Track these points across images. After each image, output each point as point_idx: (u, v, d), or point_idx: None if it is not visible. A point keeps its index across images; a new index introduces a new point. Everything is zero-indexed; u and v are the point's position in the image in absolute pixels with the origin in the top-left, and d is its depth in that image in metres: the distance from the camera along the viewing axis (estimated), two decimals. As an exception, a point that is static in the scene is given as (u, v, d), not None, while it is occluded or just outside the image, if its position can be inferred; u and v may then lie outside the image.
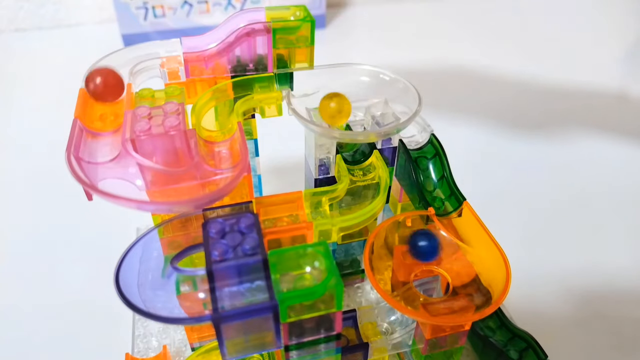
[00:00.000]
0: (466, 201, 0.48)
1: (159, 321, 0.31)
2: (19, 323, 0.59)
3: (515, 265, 0.41)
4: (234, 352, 0.33)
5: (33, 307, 0.61)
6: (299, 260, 0.34)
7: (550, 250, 0.70)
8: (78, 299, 0.61)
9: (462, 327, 0.43)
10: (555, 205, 0.77)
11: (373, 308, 0.48)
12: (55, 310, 0.60)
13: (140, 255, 0.37)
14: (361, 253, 0.56)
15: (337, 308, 0.33)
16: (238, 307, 0.31)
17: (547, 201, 0.78)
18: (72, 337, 0.57)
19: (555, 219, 0.75)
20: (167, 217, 0.39)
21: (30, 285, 0.63)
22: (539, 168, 0.85)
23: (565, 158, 0.86)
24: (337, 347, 0.36)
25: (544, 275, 0.66)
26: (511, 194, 0.79)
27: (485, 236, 0.44)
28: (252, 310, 0.31)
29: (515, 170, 0.84)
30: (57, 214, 0.74)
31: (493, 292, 0.42)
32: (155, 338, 0.54)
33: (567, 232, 0.73)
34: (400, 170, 0.55)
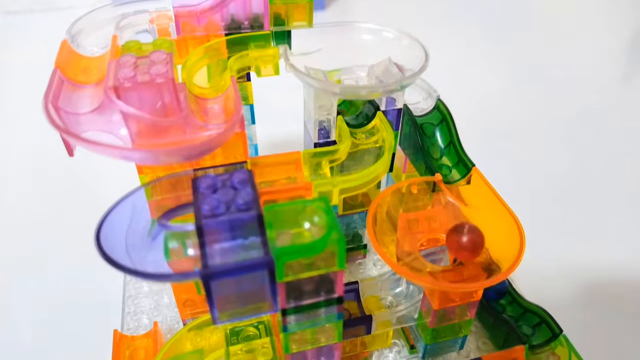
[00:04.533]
0: (475, 167, 0.45)
1: (144, 278, 0.28)
2: (6, 301, 0.56)
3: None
4: (226, 316, 0.30)
5: (22, 288, 0.58)
6: (297, 217, 0.31)
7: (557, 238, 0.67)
8: (67, 280, 0.58)
9: (472, 297, 0.40)
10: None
11: (376, 281, 0.46)
12: (44, 290, 0.57)
13: (129, 218, 0.34)
14: (363, 226, 0.54)
15: (338, 267, 0.30)
16: (230, 264, 0.28)
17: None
18: (60, 317, 0.54)
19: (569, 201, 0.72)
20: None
21: (19, 266, 0.61)
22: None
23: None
24: (338, 313, 0.33)
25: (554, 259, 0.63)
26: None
27: (497, 202, 0.42)
28: (245, 266, 0.28)
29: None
30: (45, 192, 0.71)
31: (501, 263, 0.40)
32: (146, 316, 0.51)
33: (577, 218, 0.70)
34: (405, 139, 0.52)
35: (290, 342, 0.34)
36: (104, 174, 0.71)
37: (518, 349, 0.43)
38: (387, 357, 0.48)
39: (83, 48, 0.39)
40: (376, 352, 0.48)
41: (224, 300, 0.29)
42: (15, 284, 0.58)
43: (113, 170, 0.60)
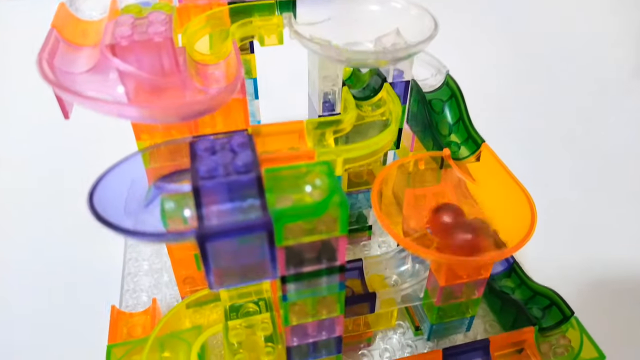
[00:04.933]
0: (485, 143, 0.44)
1: (137, 237, 0.27)
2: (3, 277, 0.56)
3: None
4: (222, 281, 0.29)
5: (20, 266, 0.57)
6: (298, 180, 0.30)
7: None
8: (66, 257, 0.57)
9: (480, 274, 0.39)
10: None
11: (381, 259, 0.44)
12: (43, 268, 0.56)
13: (127, 183, 0.33)
14: (368, 207, 0.52)
15: (340, 232, 0.29)
16: (227, 224, 0.27)
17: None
18: (58, 295, 0.53)
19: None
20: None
21: (18, 243, 0.60)
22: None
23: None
24: (340, 283, 0.31)
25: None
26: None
27: (507, 178, 0.40)
28: (243, 227, 0.27)
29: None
30: (44, 170, 0.70)
31: (510, 242, 0.38)
32: (145, 294, 0.50)
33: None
34: (413, 116, 0.50)
35: (290, 314, 0.33)
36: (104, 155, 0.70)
37: (527, 330, 0.41)
38: (391, 339, 0.46)
39: (81, 12, 0.38)
40: (380, 333, 0.47)
41: (221, 264, 0.28)
42: (13, 262, 0.57)
43: (114, 151, 0.59)
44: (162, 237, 0.27)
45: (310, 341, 0.35)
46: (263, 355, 0.36)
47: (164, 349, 0.41)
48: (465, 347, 0.40)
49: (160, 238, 0.27)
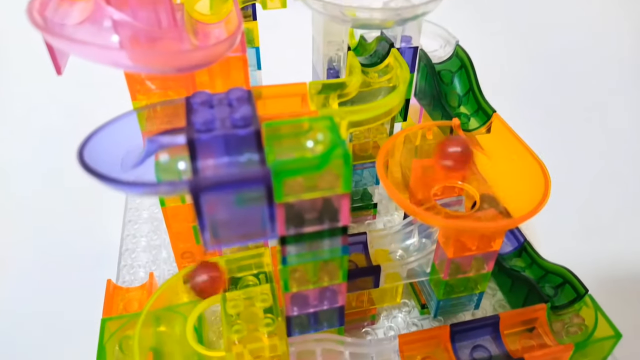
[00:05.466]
0: (496, 113, 0.42)
1: (127, 189, 0.25)
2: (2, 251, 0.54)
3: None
4: (218, 239, 0.27)
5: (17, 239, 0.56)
6: (299, 135, 0.28)
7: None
8: (64, 233, 0.56)
9: (490, 246, 0.37)
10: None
11: (386, 233, 0.42)
12: (41, 242, 0.55)
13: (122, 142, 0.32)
14: (373, 183, 0.50)
15: (343, 189, 0.27)
16: (222, 176, 0.25)
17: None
18: (54, 270, 0.52)
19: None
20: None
21: (17, 218, 0.58)
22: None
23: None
24: (343, 246, 0.30)
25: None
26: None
27: (520, 147, 0.38)
28: (240, 180, 0.25)
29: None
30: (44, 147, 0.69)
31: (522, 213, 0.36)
32: (143, 269, 0.49)
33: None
34: (421, 89, 0.49)
35: (290, 280, 0.31)
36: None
37: (539, 307, 0.39)
38: (396, 318, 0.45)
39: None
40: (384, 311, 0.45)
41: (216, 220, 0.26)
42: (11, 235, 0.56)
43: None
44: (154, 188, 0.25)
45: (311, 311, 0.33)
46: (262, 327, 0.34)
47: (160, 323, 0.40)
48: (473, 323, 0.38)
49: (152, 189, 0.25)
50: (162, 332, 0.39)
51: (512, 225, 0.32)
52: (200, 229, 0.27)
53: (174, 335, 0.39)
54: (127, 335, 0.40)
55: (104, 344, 0.39)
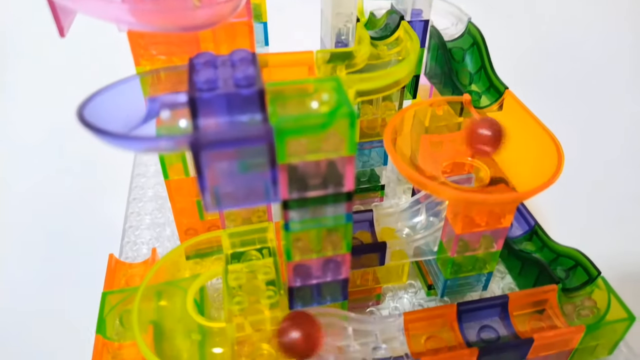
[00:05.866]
0: (508, 89, 0.41)
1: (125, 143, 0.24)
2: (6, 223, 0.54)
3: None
4: (219, 201, 0.26)
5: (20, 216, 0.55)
6: (304, 95, 0.27)
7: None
8: (67, 209, 0.55)
9: (499, 222, 0.36)
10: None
11: (393, 211, 0.41)
12: (44, 218, 0.55)
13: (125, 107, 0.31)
14: (381, 164, 0.49)
15: (348, 151, 0.26)
16: (224, 132, 0.24)
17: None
18: (57, 245, 0.51)
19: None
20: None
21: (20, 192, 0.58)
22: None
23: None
24: (347, 213, 0.29)
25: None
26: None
27: (532, 122, 0.37)
28: (242, 137, 0.24)
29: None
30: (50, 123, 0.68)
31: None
32: (146, 246, 0.48)
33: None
34: (431, 67, 0.48)
35: (293, 249, 0.30)
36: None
37: (550, 288, 0.38)
38: (401, 299, 0.44)
39: None
40: (390, 292, 0.44)
41: (217, 180, 0.26)
42: (16, 211, 0.56)
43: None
44: (154, 142, 0.24)
45: (314, 283, 0.32)
46: (264, 299, 0.34)
47: (161, 297, 0.39)
48: (481, 303, 0.37)
49: (152, 143, 0.24)
50: (163, 306, 0.39)
51: (522, 198, 0.31)
52: (201, 189, 0.26)
53: (174, 309, 0.38)
54: (128, 309, 0.39)
55: (104, 317, 0.39)
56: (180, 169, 0.40)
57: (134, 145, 0.24)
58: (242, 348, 0.33)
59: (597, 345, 0.38)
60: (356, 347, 0.35)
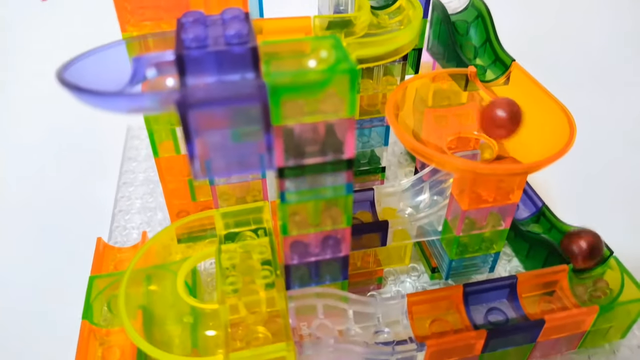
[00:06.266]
0: (515, 62, 0.39)
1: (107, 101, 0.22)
2: None
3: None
4: (208, 167, 0.24)
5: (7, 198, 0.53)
6: (301, 53, 0.25)
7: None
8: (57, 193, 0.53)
9: (508, 198, 0.34)
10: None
11: (395, 190, 0.40)
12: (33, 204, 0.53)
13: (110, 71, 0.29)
14: (381, 145, 0.47)
15: (348, 113, 0.24)
16: (213, 89, 0.22)
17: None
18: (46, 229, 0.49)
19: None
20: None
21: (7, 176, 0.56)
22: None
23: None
24: (347, 183, 0.27)
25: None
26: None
27: (541, 94, 0.35)
28: (233, 95, 0.22)
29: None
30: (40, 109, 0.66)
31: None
32: (136, 231, 0.46)
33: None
34: (434, 42, 0.46)
35: (290, 224, 0.28)
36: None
37: (560, 268, 0.36)
38: (404, 282, 0.42)
39: None
40: (392, 276, 0.42)
41: (207, 144, 0.24)
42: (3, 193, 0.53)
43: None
44: (137, 100, 0.22)
45: (312, 260, 0.30)
46: (259, 279, 0.32)
47: (151, 281, 0.37)
48: (488, 284, 0.35)
49: (135, 100, 0.22)
50: (153, 291, 0.37)
51: (534, 168, 0.29)
52: (189, 156, 0.24)
53: (165, 293, 0.36)
54: (116, 294, 0.37)
55: (90, 302, 0.37)
56: (170, 147, 0.38)
57: (116, 103, 0.22)
58: (236, 331, 0.31)
59: (610, 327, 0.36)
60: (357, 331, 0.33)
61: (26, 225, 0.50)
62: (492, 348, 0.33)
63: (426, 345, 0.31)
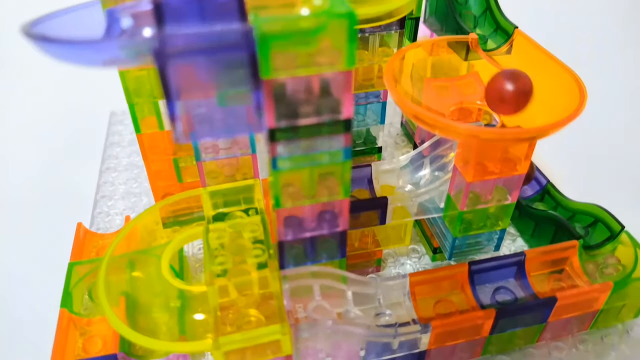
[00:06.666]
0: (518, 29, 0.37)
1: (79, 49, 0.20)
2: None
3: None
4: (192, 128, 0.22)
5: None
6: (292, 6, 0.23)
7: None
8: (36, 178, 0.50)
9: (515, 169, 0.32)
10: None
11: (394, 167, 0.37)
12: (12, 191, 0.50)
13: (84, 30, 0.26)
14: (377, 123, 0.45)
15: (347, 65, 0.22)
16: (194, 37, 0.20)
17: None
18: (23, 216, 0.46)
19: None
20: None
21: None
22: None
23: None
24: (345, 148, 0.25)
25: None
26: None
27: (548, 60, 0.33)
28: (216, 45, 0.20)
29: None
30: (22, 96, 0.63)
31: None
32: (120, 217, 0.44)
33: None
34: (431, 12, 0.44)
35: (282, 195, 0.26)
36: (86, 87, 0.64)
37: (570, 244, 0.34)
38: (404, 265, 0.40)
39: None
40: (391, 258, 0.40)
41: (189, 101, 0.21)
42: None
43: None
44: (108, 47, 0.20)
45: (308, 236, 0.28)
46: (250, 258, 0.29)
47: (134, 267, 0.35)
48: (495, 262, 0.33)
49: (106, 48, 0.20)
50: (137, 277, 0.34)
51: (544, 132, 0.27)
52: (170, 116, 0.22)
53: (149, 279, 0.34)
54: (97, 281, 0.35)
55: (69, 290, 0.34)
56: (153, 122, 0.36)
57: (88, 53, 0.20)
58: (226, 315, 0.28)
59: (623, 306, 0.34)
60: (357, 313, 0.31)
61: (5, 212, 0.47)
62: (500, 329, 0.31)
63: (431, 327, 0.29)
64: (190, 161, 0.39)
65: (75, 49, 0.20)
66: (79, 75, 0.66)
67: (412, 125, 0.53)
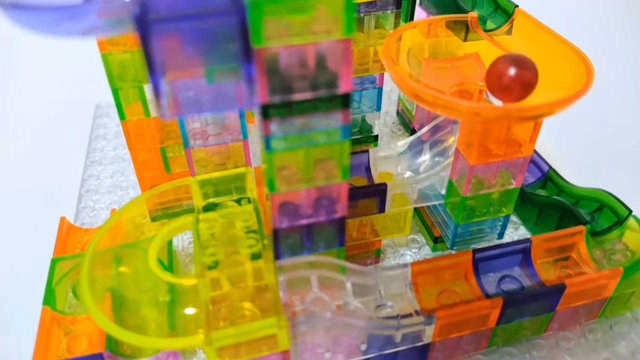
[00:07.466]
0: (518, 7, 0.35)
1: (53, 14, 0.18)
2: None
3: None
4: (178, 104, 0.20)
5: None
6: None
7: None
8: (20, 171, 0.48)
9: (520, 151, 0.30)
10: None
11: (392, 153, 0.36)
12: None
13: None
14: (373, 110, 0.44)
15: (344, 32, 0.20)
16: (179, 4, 0.18)
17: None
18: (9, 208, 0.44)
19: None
20: None
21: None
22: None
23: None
24: (343, 126, 0.23)
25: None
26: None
27: (551, 38, 0.32)
28: (203, 10, 0.18)
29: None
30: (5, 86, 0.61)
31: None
32: (106, 212, 0.42)
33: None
34: (426, -5, 0.42)
35: (277, 179, 0.24)
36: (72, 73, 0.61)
37: (577, 229, 0.33)
38: (404, 256, 0.38)
39: None
40: (390, 249, 0.38)
41: (175, 74, 0.20)
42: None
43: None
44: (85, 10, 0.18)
45: (304, 223, 0.26)
46: (243, 248, 0.28)
47: (120, 263, 0.33)
48: (500, 249, 0.32)
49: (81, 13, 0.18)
50: (123, 273, 0.33)
51: (552, 110, 0.26)
52: (154, 90, 0.20)
53: (137, 274, 0.32)
54: (82, 277, 0.33)
55: (52, 287, 0.33)
56: (139, 109, 0.34)
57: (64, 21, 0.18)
58: (218, 309, 0.27)
59: (632, 293, 0.33)
60: (357, 305, 0.29)
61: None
62: (508, 319, 0.30)
63: (435, 318, 0.28)
64: (178, 150, 0.38)
65: (50, 16, 0.18)
66: (62, 67, 0.64)
67: (408, 113, 0.51)
